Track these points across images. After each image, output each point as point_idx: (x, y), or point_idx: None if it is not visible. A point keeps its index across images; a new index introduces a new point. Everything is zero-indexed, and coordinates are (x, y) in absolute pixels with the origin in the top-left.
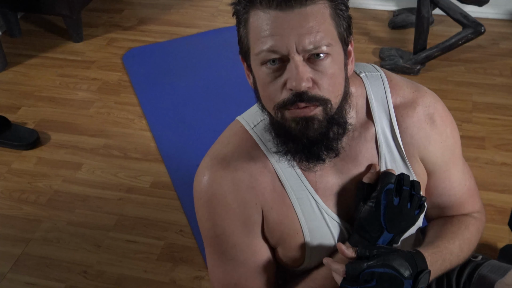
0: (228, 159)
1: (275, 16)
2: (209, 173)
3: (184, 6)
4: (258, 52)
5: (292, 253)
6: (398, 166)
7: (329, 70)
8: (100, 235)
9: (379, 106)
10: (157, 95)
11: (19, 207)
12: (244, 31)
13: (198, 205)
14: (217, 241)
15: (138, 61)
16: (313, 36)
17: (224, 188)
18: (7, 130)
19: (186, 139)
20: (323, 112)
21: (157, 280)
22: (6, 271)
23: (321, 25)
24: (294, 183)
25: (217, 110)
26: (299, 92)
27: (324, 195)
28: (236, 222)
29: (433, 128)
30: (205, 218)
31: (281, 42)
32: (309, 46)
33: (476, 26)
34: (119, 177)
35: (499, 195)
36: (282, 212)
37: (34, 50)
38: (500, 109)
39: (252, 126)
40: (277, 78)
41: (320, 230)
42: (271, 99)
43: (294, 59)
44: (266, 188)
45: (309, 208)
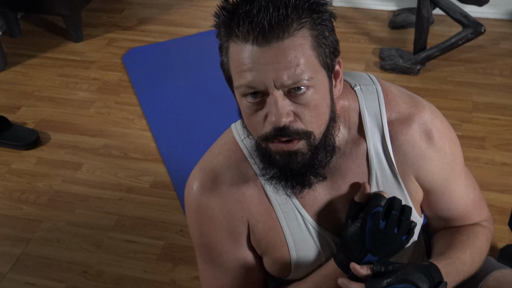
0: (216, 171)
1: (252, 51)
2: (197, 183)
3: (184, 6)
4: (237, 86)
5: (278, 264)
6: (390, 184)
7: (311, 102)
8: (100, 235)
9: (372, 121)
10: (157, 95)
11: (19, 207)
12: (225, 59)
13: (187, 212)
14: (205, 249)
15: (138, 61)
16: (292, 71)
17: (211, 200)
18: (7, 130)
19: (186, 139)
20: (306, 144)
21: (157, 280)
22: (6, 271)
23: (300, 59)
24: (281, 198)
25: (217, 110)
26: (279, 127)
27: (312, 210)
28: (222, 233)
29: (430, 146)
30: (194, 226)
31: (258, 78)
32: (287, 82)
33: (476, 26)
34: (119, 177)
35: (499, 195)
36: (268, 225)
37: (34, 50)
38: (500, 109)
39: (242, 138)
40: (258, 111)
41: (306, 244)
42: (254, 130)
43: (274, 94)
44: (253, 202)
45: (295, 222)
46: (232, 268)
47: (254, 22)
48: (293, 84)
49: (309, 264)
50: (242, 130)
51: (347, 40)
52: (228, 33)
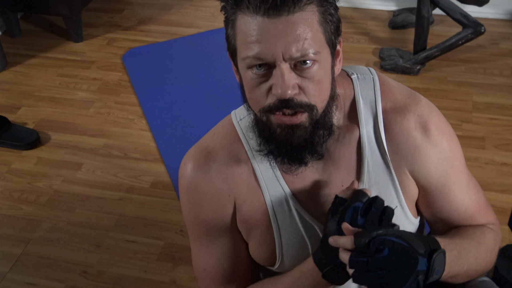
0: (209, 149)
1: (262, 23)
2: (190, 161)
3: (184, 6)
4: (244, 57)
5: (263, 249)
6: (381, 173)
7: (316, 77)
8: (100, 235)
9: (367, 109)
10: (157, 95)
11: (19, 207)
12: (231, 32)
13: (180, 190)
14: (193, 227)
15: (138, 61)
16: (300, 44)
17: (200, 177)
18: (7, 130)
19: (186, 139)
20: (308, 118)
21: (157, 280)
22: (6, 271)
23: (308, 33)
24: (270, 181)
25: (217, 110)
26: (284, 99)
27: (300, 195)
28: (209, 211)
29: (425, 139)
30: (184, 202)
31: (267, 49)
32: (296, 54)
33: (476, 26)
34: (119, 177)
35: (499, 195)
36: (255, 206)
37: (34, 50)
38: (500, 109)
39: (238, 119)
40: (262, 83)
41: (291, 230)
42: (256, 102)
43: (280, 67)
44: (242, 182)
45: (282, 207)
46: (218, 248)
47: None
48: (301, 57)
49: (294, 253)
50: (240, 112)
51: (347, 40)
52: (237, 5)
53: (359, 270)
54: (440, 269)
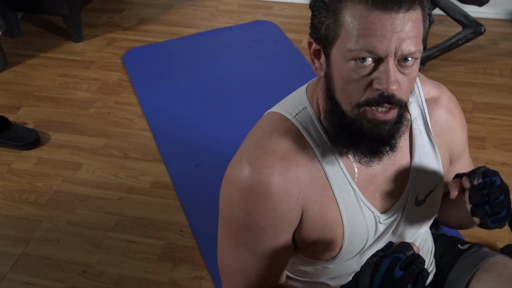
0: (275, 148)
1: (379, 17)
2: (254, 162)
3: (184, 6)
4: (353, 48)
5: (329, 246)
6: (428, 153)
7: (412, 74)
8: (100, 235)
9: (413, 99)
10: (157, 95)
11: (19, 207)
12: (331, 19)
13: (233, 194)
14: (244, 231)
15: (138, 61)
16: (411, 42)
17: (270, 179)
18: (7, 130)
19: (186, 139)
20: (398, 114)
21: (157, 280)
22: (6, 271)
23: (418, 31)
24: (337, 173)
25: (217, 110)
26: (387, 94)
27: (361, 185)
28: (272, 218)
29: (455, 121)
30: (239, 207)
31: (381, 44)
32: (407, 50)
33: (476, 26)
34: (119, 177)
35: None
36: (324, 204)
37: (34, 50)
38: (500, 109)
39: (294, 114)
40: (363, 76)
41: (357, 221)
42: (352, 95)
43: (389, 62)
44: (311, 180)
45: (349, 198)
46: (262, 256)
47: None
48: (410, 54)
49: (357, 243)
50: (290, 108)
51: None
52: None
53: (478, 203)
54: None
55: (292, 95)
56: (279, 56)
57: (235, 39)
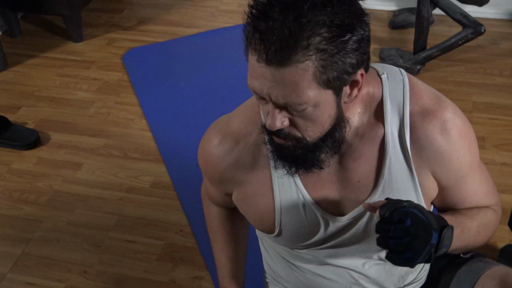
0: (233, 130)
1: (257, 64)
2: (216, 137)
3: (184, 6)
4: (248, 84)
5: (262, 225)
6: (402, 172)
7: (308, 116)
8: (100, 235)
9: (394, 109)
10: (157, 95)
11: (19, 207)
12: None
13: (199, 149)
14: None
15: (138, 61)
16: (287, 94)
17: (217, 156)
18: (7, 130)
19: (186, 139)
20: (297, 146)
21: (157, 280)
22: (6, 271)
23: (298, 86)
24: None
25: (217, 110)
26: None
27: (311, 186)
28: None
29: (450, 144)
30: (199, 159)
31: (258, 88)
32: (281, 102)
33: (476, 26)
34: (119, 177)
35: (499, 195)
36: (259, 189)
37: (34, 50)
38: (500, 109)
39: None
40: (263, 105)
41: (294, 215)
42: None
43: (270, 103)
44: (253, 166)
45: (288, 192)
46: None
47: (263, 43)
48: (287, 105)
49: (294, 234)
50: None
51: None
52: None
53: (383, 235)
54: (448, 244)
55: None
56: None
57: (235, 39)
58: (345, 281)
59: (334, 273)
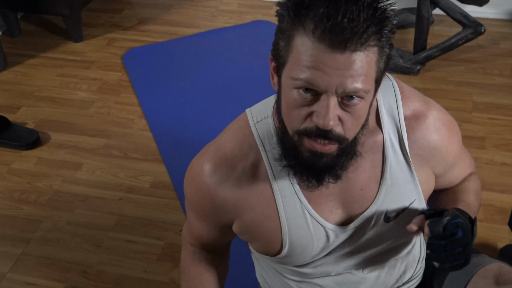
0: (227, 156)
1: (324, 52)
2: (208, 164)
3: (184, 6)
4: (295, 77)
5: (269, 249)
6: (402, 174)
7: (357, 113)
8: (100, 235)
9: (389, 115)
10: (157, 95)
11: (19, 207)
12: (283, 44)
13: (187, 179)
14: (191, 208)
15: (138, 61)
16: (356, 81)
17: (212, 185)
18: (7, 130)
19: (186, 139)
20: (338, 148)
21: (157, 280)
22: (6, 271)
23: (366, 71)
24: (284, 185)
25: (217, 110)
26: (324, 129)
27: (315, 200)
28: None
29: (442, 140)
30: (188, 192)
31: (322, 79)
32: (349, 88)
33: (476, 26)
34: (119, 177)
35: (499, 195)
36: (264, 214)
37: (34, 50)
38: (500, 109)
39: (255, 122)
40: (304, 106)
41: (300, 231)
42: (293, 121)
43: (329, 98)
44: (253, 190)
45: (293, 208)
46: (206, 229)
47: (337, 28)
48: (353, 92)
49: (299, 251)
50: (256, 113)
51: None
52: (299, 24)
53: (438, 251)
54: (475, 234)
55: (268, 99)
56: None
57: (235, 39)
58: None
59: (334, 282)
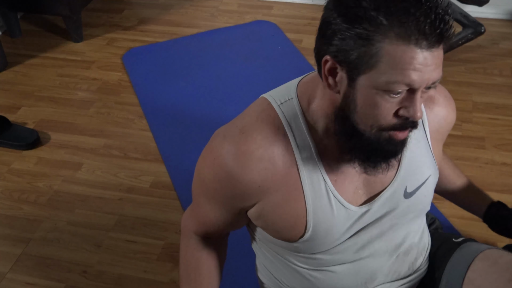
0: (255, 136)
1: (421, 53)
2: (231, 145)
3: (184, 6)
4: (391, 81)
5: (290, 233)
6: (422, 152)
7: (424, 98)
8: (100, 235)
9: None
10: (157, 95)
11: (19, 207)
12: (365, 48)
13: (208, 160)
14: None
15: (138, 61)
16: (440, 71)
17: (237, 166)
18: (7, 130)
19: (186, 139)
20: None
21: (157, 280)
22: (6, 271)
23: (441, 68)
24: (310, 167)
25: (217, 110)
26: (413, 120)
27: (340, 182)
28: (229, 195)
29: (453, 112)
30: (206, 173)
31: (420, 77)
32: (436, 78)
33: (476, 26)
34: (119, 177)
35: (499, 195)
36: (289, 194)
37: (34, 50)
38: (500, 109)
39: (278, 103)
40: (391, 104)
41: (324, 214)
42: (375, 119)
43: (419, 93)
44: (281, 171)
45: (319, 192)
46: (218, 214)
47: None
48: (437, 80)
49: (322, 234)
50: (277, 96)
51: None
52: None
53: None
54: None
55: (285, 84)
56: (279, 56)
57: (235, 39)
58: (360, 279)
59: (350, 270)
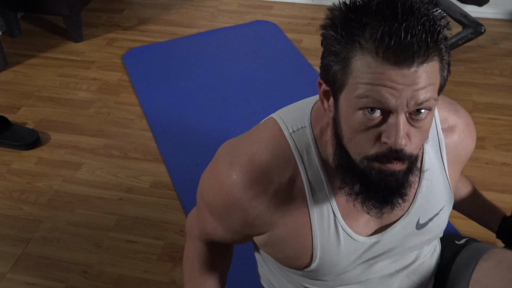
0: (263, 169)
1: (390, 69)
2: (241, 175)
3: (184, 6)
4: (361, 96)
5: (295, 263)
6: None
7: (424, 127)
8: (100, 235)
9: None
10: (157, 95)
11: (19, 207)
12: (339, 65)
13: (210, 184)
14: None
15: (138, 61)
16: (426, 91)
17: (246, 199)
18: (7, 130)
19: (186, 139)
20: (407, 166)
21: (157, 280)
22: (6, 271)
23: (433, 81)
24: (321, 200)
25: (217, 110)
26: (395, 149)
27: (350, 215)
28: (234, 221)
29: (472, 142)
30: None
31: (392, 95)
32: (421, 100)
33: (476, 26)
34: (119, 177)
35: (499, 195)
36: (297, 229)
37: (34, 50)
38: (500, 109)
39: (290, 131)
40: (371, 128)
41: (332, 247)
42: (359, 147)
43: (399, 115)
44: (289, 205)
45: (327, 223)
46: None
47: (402, 45)
48: (425, 101)
49: (328, 264)
50: (290, 122)
51: None
52: (357, 45)
53: None
54: None
55: (299, 106)
56: (279, 56)
57: (235, 39)
58: None
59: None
